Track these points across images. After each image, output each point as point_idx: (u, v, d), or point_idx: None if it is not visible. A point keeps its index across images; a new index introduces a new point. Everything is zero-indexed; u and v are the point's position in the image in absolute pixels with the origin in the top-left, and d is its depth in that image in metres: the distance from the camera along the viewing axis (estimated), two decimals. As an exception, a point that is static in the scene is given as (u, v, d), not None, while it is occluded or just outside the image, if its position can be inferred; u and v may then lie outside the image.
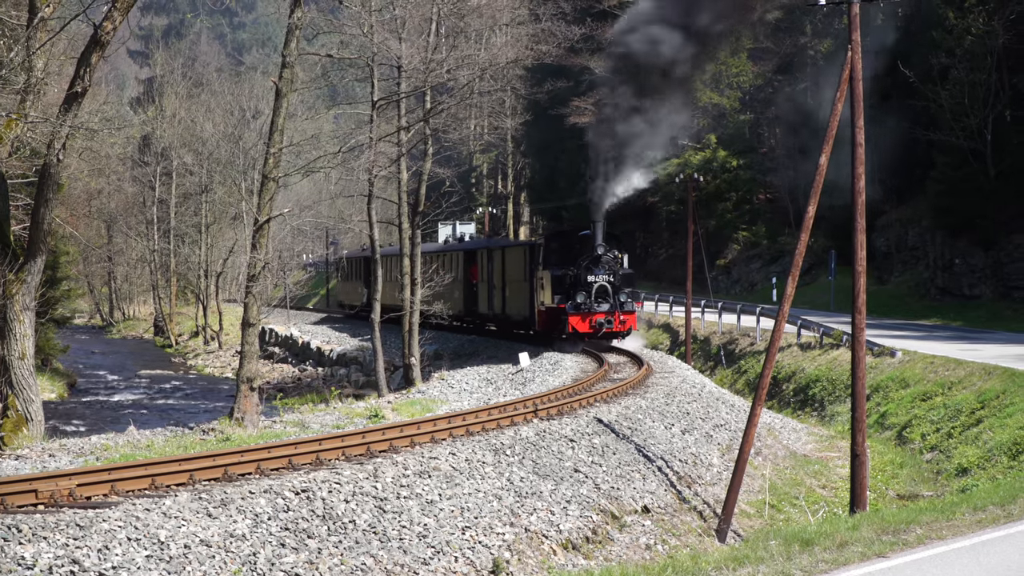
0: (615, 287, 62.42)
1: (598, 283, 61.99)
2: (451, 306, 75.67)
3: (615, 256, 63.85)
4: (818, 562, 18.39)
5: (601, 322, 61.71)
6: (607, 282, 62.15)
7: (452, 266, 79.79)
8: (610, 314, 61.89)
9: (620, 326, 62.50)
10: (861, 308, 34.90)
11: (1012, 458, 36.72)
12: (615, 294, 62.37)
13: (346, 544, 24.94)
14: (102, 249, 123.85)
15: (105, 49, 46.37)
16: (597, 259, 62.46)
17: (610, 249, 63.60)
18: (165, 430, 47.54)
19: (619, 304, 62.31)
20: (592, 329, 61.86)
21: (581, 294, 61.85)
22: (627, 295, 63.19)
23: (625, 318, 62.74)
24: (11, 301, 42.52)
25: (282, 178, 55.16)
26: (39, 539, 21.25)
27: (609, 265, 62.65)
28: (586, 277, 62.23)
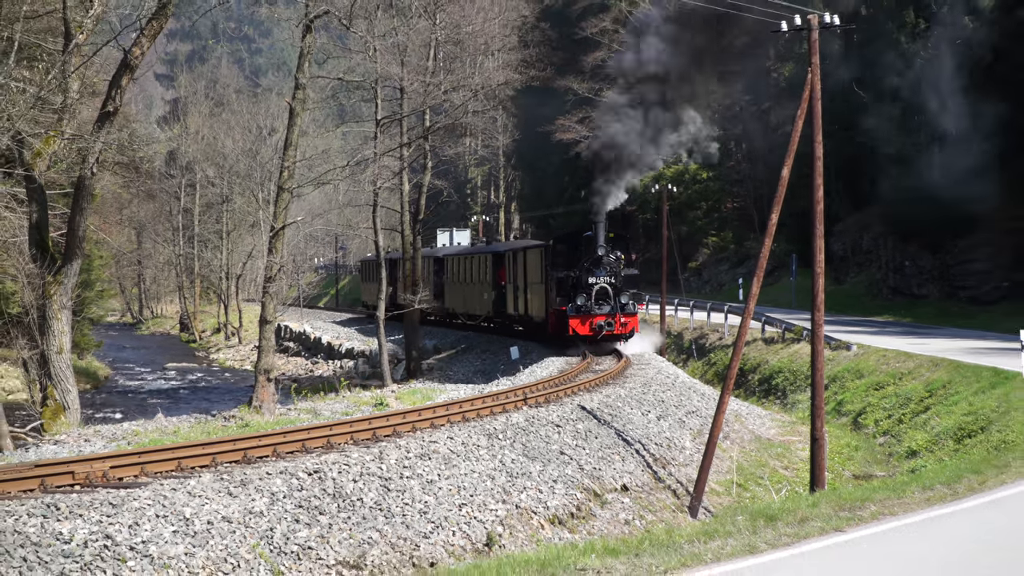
0: (616, 289, 57.87)
1: (598, 285, 57.53)
2: (480, 307, 73.70)
3: (617, 258, 59.14)
4: (781, 536, 18.37)
5: (601, 324, 57.22)
6: (608, 284, 57.67)
7: (481, 268, 75.63)
8: (610, 316, 57.37)
9: (621, 328, 57.82)
10: (820, 306, 34.91)
11: (957, 442, 36.73)
12: (616, 296, 57.73)
13: (354, 520, 24.92)
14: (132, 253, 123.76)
15: (134, 72, 46.42)
16: (598, 261, 58.00)
17: (612, 251, 59.04)
18: (190, 417, 47.54)
19: (620, 306, 57.72)
20: (592, 331, 57.36)
21: (581, 296, 57.47)
22: (629, 297, 58.54)
23: (626, 320, 58.19)
24: (50, 301, 42.51)
25: (295, 189, 55.12)
26: (75, 516, 21.22)
27: (611, 267, 58.17)
28: (587, 279, 57.80)
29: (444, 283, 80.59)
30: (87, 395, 54.02)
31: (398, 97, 67.08)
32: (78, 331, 63.31)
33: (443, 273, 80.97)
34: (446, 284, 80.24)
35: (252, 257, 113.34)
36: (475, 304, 73.07)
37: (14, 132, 39.93)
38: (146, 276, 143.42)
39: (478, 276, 73.37)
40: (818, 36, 34.83)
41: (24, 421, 41.35)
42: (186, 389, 76.83)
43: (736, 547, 17.58)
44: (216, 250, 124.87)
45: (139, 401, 65.52)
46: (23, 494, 22.64)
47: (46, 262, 43.09)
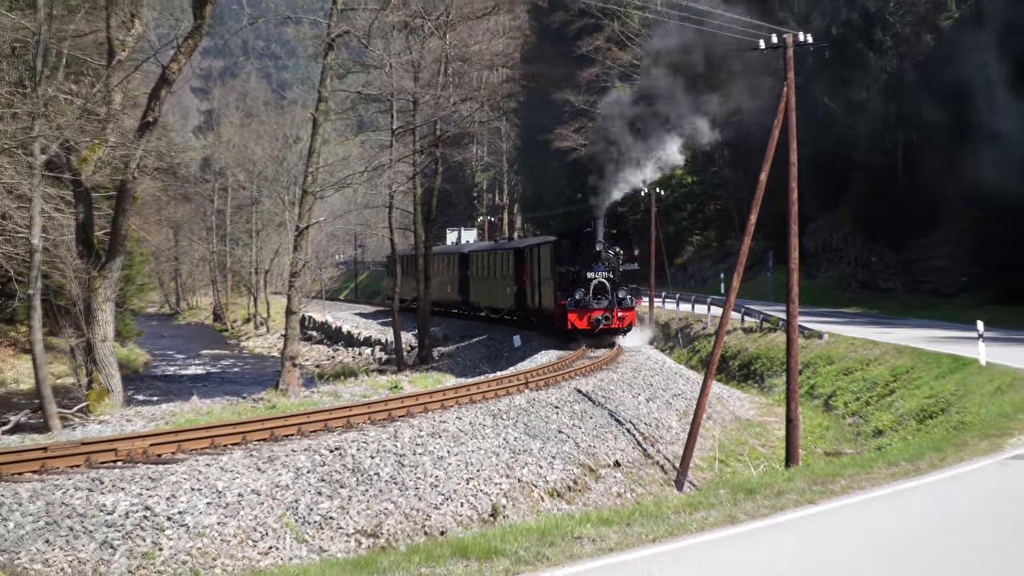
0: (614, 284, 54.84)
1: (596, 280, 54.51)
2: (503, 301, 71.54)
3: (616, 253, 56.06)
4: (759, 507, 18.35)
5: (598, 319, 54.26)
6: (606, 279, 54.61)
7: (503, 264, 72.10)
8: (608, 311, 54.40)
9: (619, 323, 54.91)
10: (794, 298, 34.87)
11: (919, 422, 36.69)
12: (614, 291, 54.75)
13: (371, 492, 24.91)
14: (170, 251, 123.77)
15: (172, 86, 46.44)
16: (596, 256, 54.85)
17: (611, 247, 55.87)
18: (222, 399, 47.56)
19: (618, 301, 54.62)
20: (589, 326, 54.47)
21: (580, 291, 54.50)
22: (627, 291, 55.45)
23: (624, 315, 55.04)
24: (95, 294, 42.51)
25: (318, 192, 55.09)
26: (118, 489, 21.22)
27: (609, 262, 55.04)
28: (585, 274, 54.81)
29: (469, 278, 79.56)
30: (129, 379, 53.92)
31: (411, 109, 67.01)
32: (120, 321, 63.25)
33: (468, 269, 79.92)
34: (471, 279, 79.10)
35: (279, 254, 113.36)
36: (498, 298, 71.75)
37: (63, 140, 39.95)
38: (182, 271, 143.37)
39: (501, 271, 71.38)
40: (792, 53, 34.81)
41: (71, 403, 41.33)
42: (218, 374, 76.79)
43: (718, 518, 17.56)
44: (246, 247, 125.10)
45: (176, 385, 65.46)
46: (71, 469, 22.65)
47: (92, 258, 43.09)
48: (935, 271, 73.64)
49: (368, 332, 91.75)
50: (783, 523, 17.37)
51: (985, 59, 64.57)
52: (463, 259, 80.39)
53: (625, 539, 16.15)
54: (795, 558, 15.11)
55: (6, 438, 33.49)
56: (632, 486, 32.41)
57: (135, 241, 68.89)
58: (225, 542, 21.11)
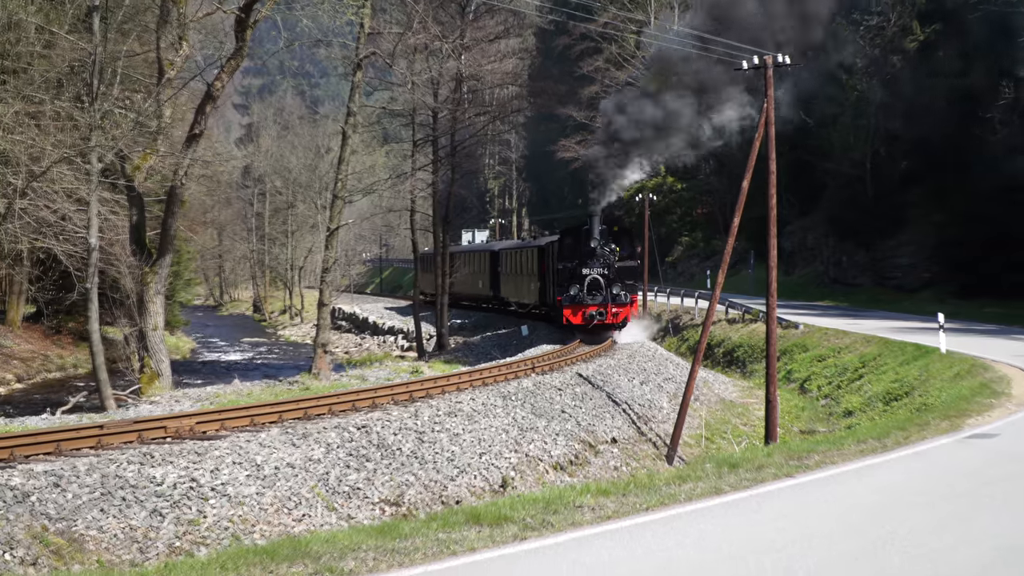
0: (609, 280, 51.38)
1: (591, 276, 51.12)
2: (529, 296, 69.77)
3: (612, 250, 52.54)
4: (742, 480, 18.31)
5: (592, 314, 51.01)
6: (600, 275, 51.18)
7: (529, 261, 69.22)
8: (602, 307, 51.09)
9: (613, 319, 51.49)
10: (773, 293, 34.83)
11: (886, 404, 36.65)
12: (608, 287, 51.30)
13: (394, 466, 24.90)
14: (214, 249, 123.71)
15: (216, 102, 46.44)
16: (591, 253, 51.51)
17: (606, 243, 52.33)
18: (261, 382, 47.61)
19: (612, 297, 51.24)
20: (584, 321, 51.30)
21: (575, 287, 51.37)
22: (622, 288, 52.03)
23: (618, 311, 51.60)
24: (146, 288, 42.55)
25: (347, 197, 55.12)
26: (167, 463, 21.21)
27: (604, 259, 51.68)
28: (580, 270, 51.59)
29: (500, 275, 78.66)
30: (177, 364, 53.94)
31: (431, 122, 67.03)
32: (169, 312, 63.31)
33: (499, 266, 79.09)
34: (501, 276, 78.30)
35: (311, 252, 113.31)
36: (525, 293, 70.61)
37: (118, 150, 39.98)
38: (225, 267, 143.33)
39: (526, 268, 69.86)
40: (772, 73, 34.79)
41: (125, 386, 41.36)
42: (258, 359, 76.84)
43: (705, 489, 17.53)
44: (282, 246, 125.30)
45: (219, 369, 65.50)
46: (124, 445, 22.65)
47: (144, 256, 43.14)
48: (900, 268, 73.90)
49: (391, 322, 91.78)
50: (763, 494, 17.34)
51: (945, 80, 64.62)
52: (494, 256, 79.43)
53: (621, 508, 16.13)
54: (774, 525, 15.08)
55: (66, 417, 33.50)
56: (627, 460, 32.40)
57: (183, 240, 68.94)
58: (263, 510, 21.10)
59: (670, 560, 13.07)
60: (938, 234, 66.71)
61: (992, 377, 32.73)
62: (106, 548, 18.14)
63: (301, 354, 75.56)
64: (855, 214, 76.13)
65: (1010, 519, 15.09)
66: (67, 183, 37.63)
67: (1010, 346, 41.71)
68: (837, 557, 12.97)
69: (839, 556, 13.02)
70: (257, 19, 45.67)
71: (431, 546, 13.89)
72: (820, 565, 12.55)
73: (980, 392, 30.08)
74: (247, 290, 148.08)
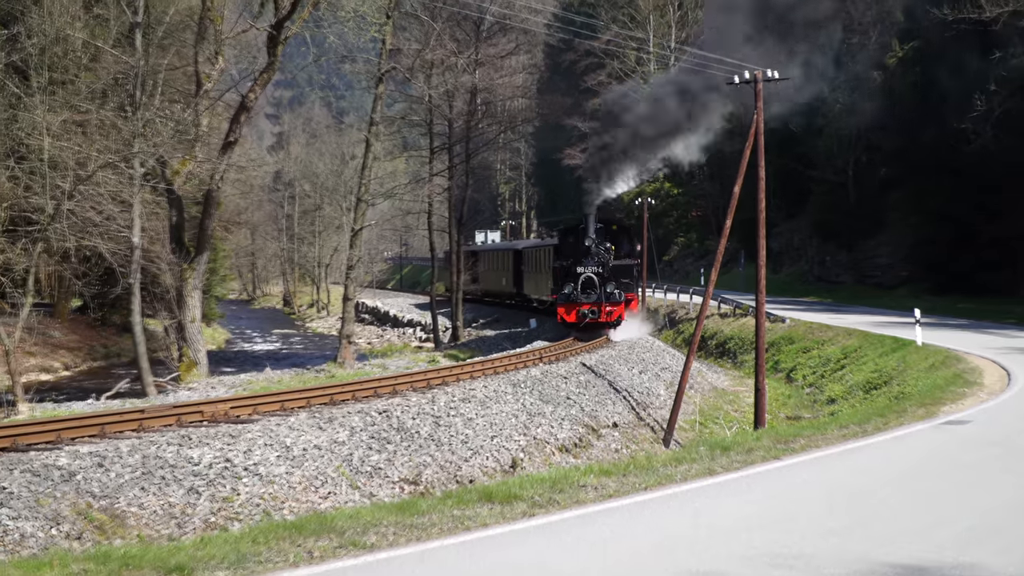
0: (603, 278, 48.50)
1: (585, 275, 48.22)
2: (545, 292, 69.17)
3: (607, 248, 49.76)
4: (733, 462, 18.28)
5: (585, 312, 48.09)
6: (594, 274, 48.27)
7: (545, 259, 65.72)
8: (595, 305, 48.14)
9: (606, 317, 48.52)
10: (762, 290, 34.84)
11: (866, 392, 36.61)
12: (603, 285, 48.41)
13: (413, 447, 24.89)
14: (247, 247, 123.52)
15: (249, 112, 46.53)
16: (586, 251, 48.86)
17: (601, 242, 49.66)
18: (290, 370, 47.68)
19: (606, 295, 48.35)
20: (577, 319, 48.38)
21: (569, 285, 48.66)
22: (616, 286, 48.99)
23: (612, 309, 48.60)
24: (185, 283, 42.60)
25: (370, 200, 55.16)
26: (203, 444, 21.22)
27: (598, 257, 48.85)
28: (575, 269, 48.75)
29: (522, 273, 78.11)
30: (212, 354, 53.94)
31: (447, 132, 67.07)
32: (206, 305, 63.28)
33: (521, 264, 78.62)
34: (524, 274, 77.80)
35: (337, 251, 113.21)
36: (543, 290, 70.00)
37: (158, 156, 40.03)
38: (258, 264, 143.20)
39: (544, 266, 69.57)
40: (762, 87, 34.78)
41: (165, 373, 41.39)
42: (287, 349, 76.88)
43: (699, 470, 17.50)
44: (310, 245, 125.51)
45: (252, 358, 65.54)
46: (164, 428, 22.67)
47: (182, 253, 43.19)
48: (879, 267, 74.10)
49: (410, 316, 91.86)
50: (753, 475, 17.29)
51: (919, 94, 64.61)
52: (517, 255, 78.40)
53: (622, 487, 16.10)
54: (763, 504, 15.05)
55: (110, 402, 33.54)
56: (627, 443, 32.38)
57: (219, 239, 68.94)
58: (292, 488, 21.10)
59: (667, 535, 13.04)
60: (914, 236, 66.83)
61: (965, 368, 32.67)
62: (146, 524, 18.14)
63: (327, 345, 75.53)
64: (838, 217, 76.45)
65: (983, 499, 15.05)
66: (112, 186, 37.64)
67: (981, 339, 41.65)
68: (821, 533, 12.93)
69: (823, 532, 12.97)
70: (287, 36, 45.74)
71: (446, 522, 13.89)
72: (805, 540, 12.51)
73: (954, 382, 30.02)
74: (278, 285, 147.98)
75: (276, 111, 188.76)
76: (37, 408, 32.12)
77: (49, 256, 43.03)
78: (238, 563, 11.86)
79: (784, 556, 11.71)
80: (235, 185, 65.16)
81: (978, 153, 57.11)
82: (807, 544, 12.30)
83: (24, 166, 34.64)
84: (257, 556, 12.15)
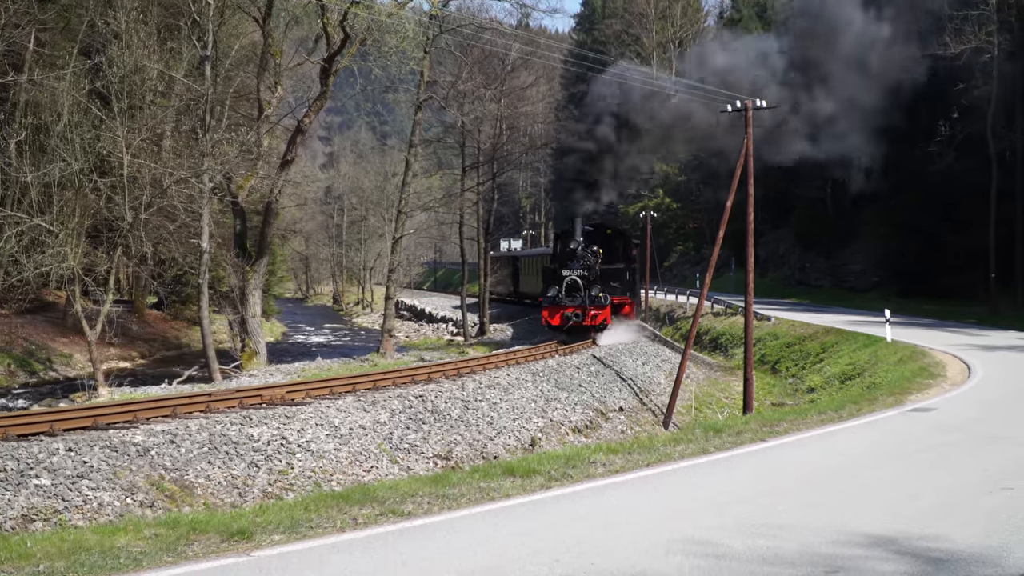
0: (588, 281, 43.55)
1: (569, 278, 43.38)
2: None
3: (594, 251, 44.82)
4: (725, 442, 18.22)
5: (569, 316, 43.16)
6: (579, 277, 43.36)
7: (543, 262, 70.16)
8: (579, 308, 43.16)
9: (591, 321, 43.31)
10: (750, 292, 34.74)
11: (842, 382, 36.48)
12: (588, 288, 43.41)
13: (445, 428, 24.87)
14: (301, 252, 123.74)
15: (304, 134, 46.63)
16: (572, 254, 43.93)
17: (588, 245, 44.69)
18: (338, 360, 47.66)
19: (590, 299, 43.20)
20: (561, 322, 43.55)
21: (554, 288, 43.98)
22: (603, 289, 43.96)
23: (596, 312, 43.28)
24: (247, 283, 42.73)
25: (409, 212, 55.12)
26: (262, 424, 21.22)
27: (584, 260, 43.83)
28: (561, 271, 44.07)
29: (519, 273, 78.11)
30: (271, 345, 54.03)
31: (477, 153, 67.11)
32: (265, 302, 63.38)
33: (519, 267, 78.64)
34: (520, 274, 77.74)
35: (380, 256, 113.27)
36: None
37: (225, 172, 40.14)
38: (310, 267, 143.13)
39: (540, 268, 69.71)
40: (752, 114, 34.67)
41: (228, 362, 41.48)
42: (336, 341, 76.86)
43: (695, 449, 17.45)
44: (356, 251, 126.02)
45: (305, 349, 65.60)
46: (228, 409, 22.67)
47: (245, 257, 43.32)
48: (853, 273, 74.02)
49: (443, 312, 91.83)
50: (742, 454, 17.24)
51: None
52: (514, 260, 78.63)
53: (627, 464, 16.07)
54: (750, 478, 14.99)
55: (181, 387, 33.60)
56: (632, 425, 32.30)
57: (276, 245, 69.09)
58: (339, 463, 21.08)
59: (667, 506, 13.00)
60: (884, 245, 66.70)
61: (929, 362, 32.53)
62: (211, 493, 18.14)
63: (371, 338, 75.56)
64: (817, 228, 76.51)
65: (947, 477, 14.95)
66: (183, 198, 37.77)
67: (944, 337, 41.47)
68: (802, 505, 12.87)
69: (804, 505, 12.91)
70: (338, 69, 45.81)
71: (474, 493, 13.87)
72: (789, 512, 12.45)
73: (920, 374, 29.89)
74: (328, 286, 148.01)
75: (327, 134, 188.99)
76: (116, 392, 32.23)
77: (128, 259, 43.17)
78: (292, 528, 11.87)
79: (769, 526, 11.65)
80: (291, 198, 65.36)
81: (942, 173, 56.96)
82: (790, 516, 12.24)
83: (106, 180, 34.75)
84: (309, 522, 12.16)
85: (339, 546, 11.01)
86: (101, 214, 36.26)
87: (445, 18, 52.60)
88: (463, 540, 11.20)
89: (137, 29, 37.02)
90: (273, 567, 10.14)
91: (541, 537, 11.21)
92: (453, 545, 10.95)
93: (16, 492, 15.55)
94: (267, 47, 42.82)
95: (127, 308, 60.68)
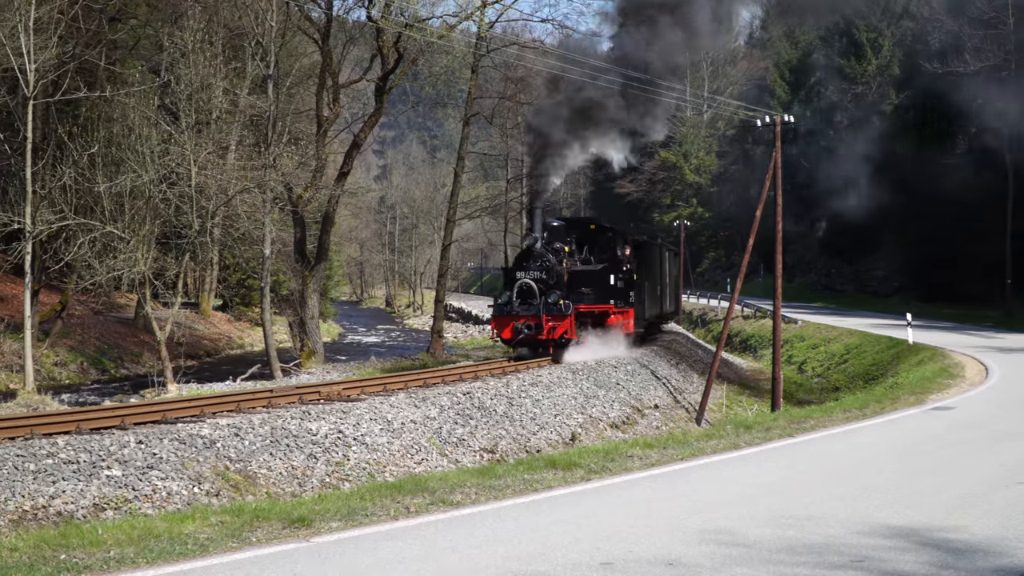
0: (547, 286, 32.75)
1: (521, 282, 32.91)
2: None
3: (557, 249, 34.30)
4: (754, 438, 18.17)
5: (519, 327, 32.57)
6: (533, 281, 32.68)
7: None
8: (533, 318, 32.47)
9: (548, 334, 32.57)
10: (778, 296, 34.63)
11: (865, 382, 36.34)
12: (545, 294, 32.62)
13: (491, 423, 24.88)
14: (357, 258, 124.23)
15: (360, 148, 46.87)
16: (527, 253, 33.49)
17: (550, 243, 34.30)
18: (391, 358, 47.83)
19: (546, 306, 32.44)
20: (512, 335, 32.98)
21: (505, 294, 33.38)
22: (566, 296, 33.04)
23: (555, 324, 32.53)
24: (306, 286, 42.90)
25: (457, 220, 55.21)
26: (320, 418, 21.31)
27: (542, 260, 33.01)
28: (515, 274, 33.45)
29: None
30: (328, 345, 54.31)
31: (520, 164, 67.16)
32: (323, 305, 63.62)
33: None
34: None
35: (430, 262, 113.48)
36: None
37: (286, 183, 40.36)
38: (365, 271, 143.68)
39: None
40: (780, 129, 34.56)
41: (289, 360, 41.71)
42: (389, 341, 77.06)
43: (726, 444, 17.41)
44: (408, 257, 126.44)
45: (360, 348, 65.87)
46: (288, 405, 22.78)
47: (305, 263, 43.49)
48: (876, 278, 73.70)
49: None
50: (770, 449, 17.18)
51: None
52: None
53: (662, 458, 16.06)
54: (778, 472, 14.94)
55: (244, 383, 33.84)
56: (666, 422, 32.18)
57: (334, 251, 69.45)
58: (392, 455, 21.14)
59: (699, 498, 12.97)
60: (906, 253, 66.22)
61: (949, 363, 32.29)
62: (273, 483, 18.25)
63: (421, 338, 75.73)
64: (842, 236, 75.90)
65: (966, 471, 14.85)
66: (247, 208, 37.99)
67: (963, 339, 41.15)
68: (827, 497, 12.81)
69: (829, 497, 12.86)
70: (391, 87, 46.04)
71: (518, 484, 13.90)
72: (815, 504, 12.39)
73: (940, 375, 29.68)
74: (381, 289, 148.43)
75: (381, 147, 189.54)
76: (183, 388, 32.46)
77: (195, 263, 43.53)
78: (349, 516, 11.94)
79: (797, 517, 11.61)
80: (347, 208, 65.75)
81: (961, 184, 56.55)
82: (816, 508, 12.19)
83: (175, 191, 35.00)
84: (364, 510, 12.23)
85: (393, 533, 11.09)
86: (170, 222, 36.54)
87: (492, 39, 52.70)
88: (509, 528, 11.24)
89: (203, 49, 37.28)
90: (331, 552, 10.24)
91: (582, 526, 11.23)
92: (499, 533, 11.00)
93: (88, 483, 15.67)
94: (326, 66, 43.03)
95: (194, 310, 61.22)
